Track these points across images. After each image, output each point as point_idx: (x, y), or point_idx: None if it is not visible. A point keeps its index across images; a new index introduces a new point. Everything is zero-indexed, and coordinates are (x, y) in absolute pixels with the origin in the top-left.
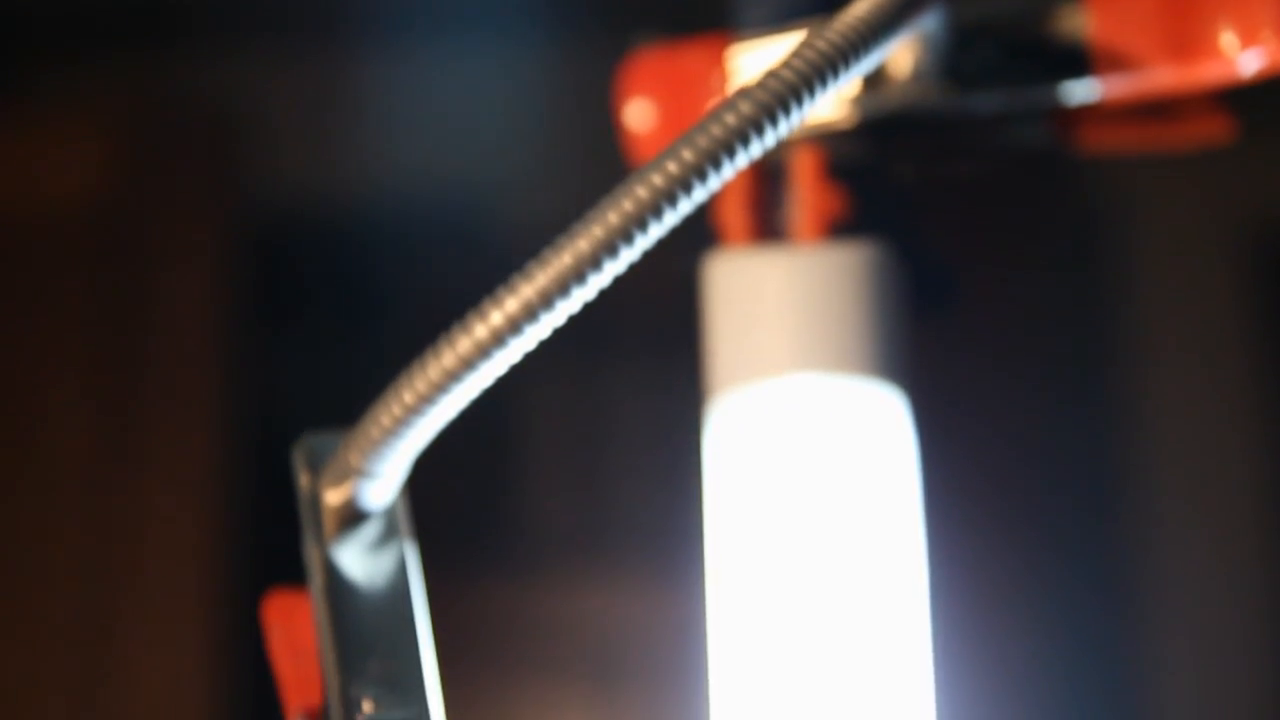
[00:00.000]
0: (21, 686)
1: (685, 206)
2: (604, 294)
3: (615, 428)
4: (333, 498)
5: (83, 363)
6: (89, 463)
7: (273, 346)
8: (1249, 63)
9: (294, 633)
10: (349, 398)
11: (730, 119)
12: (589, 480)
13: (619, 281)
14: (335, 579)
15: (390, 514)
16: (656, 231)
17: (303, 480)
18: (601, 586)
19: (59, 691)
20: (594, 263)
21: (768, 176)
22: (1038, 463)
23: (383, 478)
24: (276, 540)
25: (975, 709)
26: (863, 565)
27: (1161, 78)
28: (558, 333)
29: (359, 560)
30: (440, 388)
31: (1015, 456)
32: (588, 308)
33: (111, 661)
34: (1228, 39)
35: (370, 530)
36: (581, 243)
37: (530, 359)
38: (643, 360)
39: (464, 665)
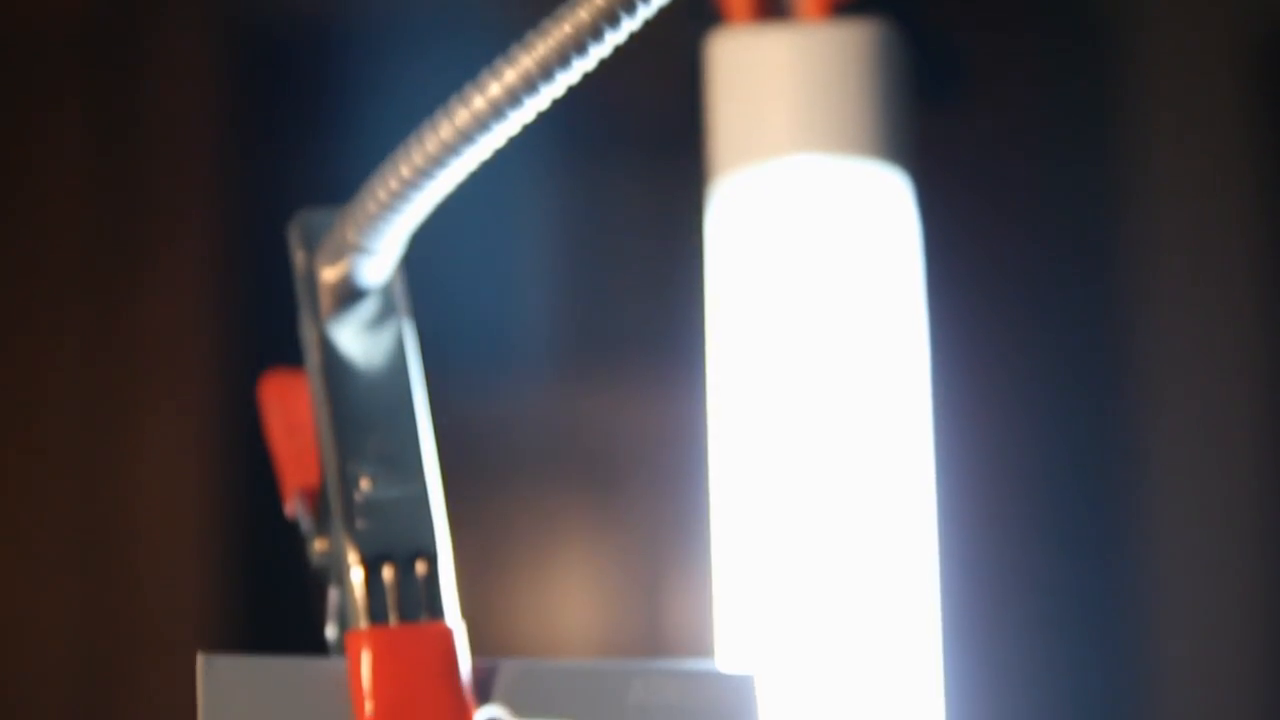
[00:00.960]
0: (21, 462)
1: None
2: (602, 77)
3: (615, 221)
4: (329, 275)
5: (78, 161)
6: (87, 257)
7: (269, 141)
8: None
9: (291, 413)
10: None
11: None
12: (587, 278)
13: (619, 64)
14: (332, 356)
15: (387, 292)
16: None
17: (298, 258)
18: (600, 390)
19: (62, 477)
20: (594, 32)
21: None
22: (1043, 245)
23: (379, 254)
24: (274, 328)
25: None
26: (863, 353)
27: None
28: (555, 120)
29: (356, 338)
30: (437, 161)
31: (1019, 240)
32: (585, 97)
33: (110, 445)
34: None
35: (367, 308)
36: (582, 11)
37: (526, 149)
38: (643, 148)
39: (459, 473)
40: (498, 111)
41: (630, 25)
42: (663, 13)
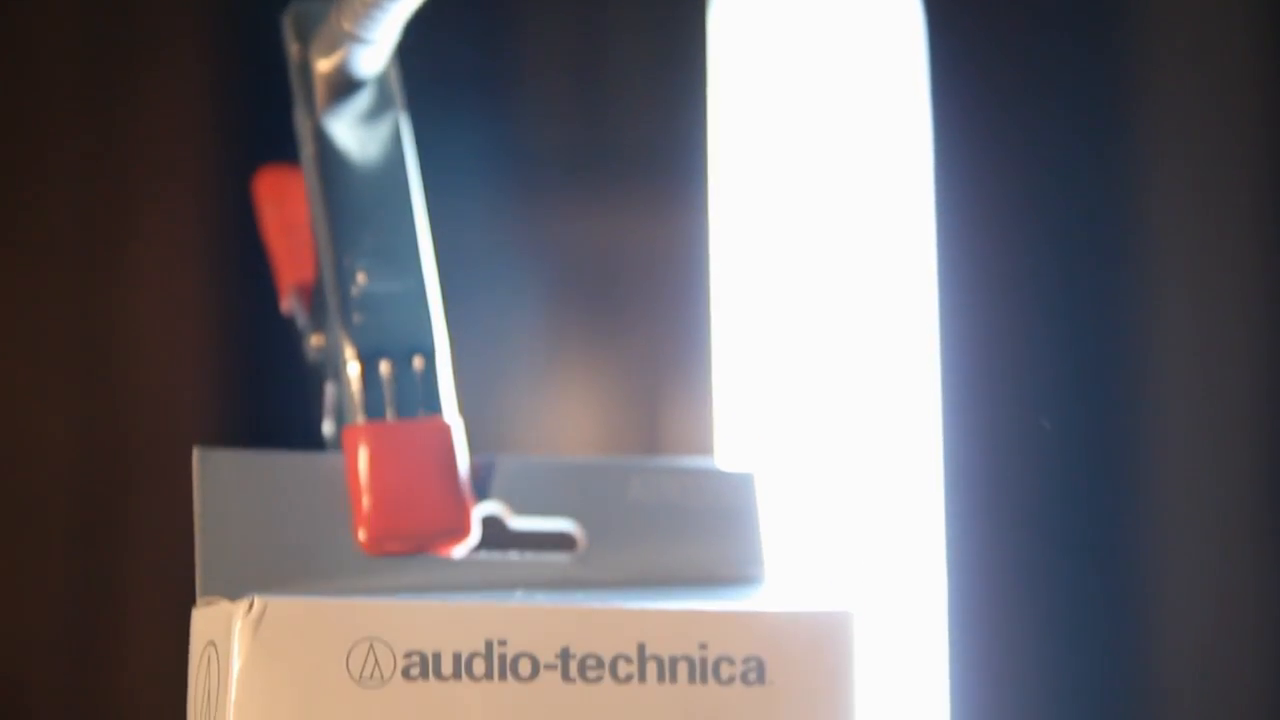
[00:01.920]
0: (19, 261)
1: None
2: None
3: (615, 37)
4: (323, 66)
5: None
6: (84, 55)
7: None
8: None
9: (286, 208)
10: None
11: None
12: (588, 92)
13: None
14: (327, 149)
15: (383, 83)
16: None
17: (292, 49)
18: (602, 206)
19: (59, 275)
20: None
21: None
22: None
23: (374, 43)
24: (269, 124)
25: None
26: (866, 165)
27: None
28: None
29: (352, 131)
30: None
31: (1027, 47)
32: None
33: (107, 243)
34: None
35: (363, 100)
36: None
37: None
38: None
39: (459, 290)
40: None
41: None
42: None
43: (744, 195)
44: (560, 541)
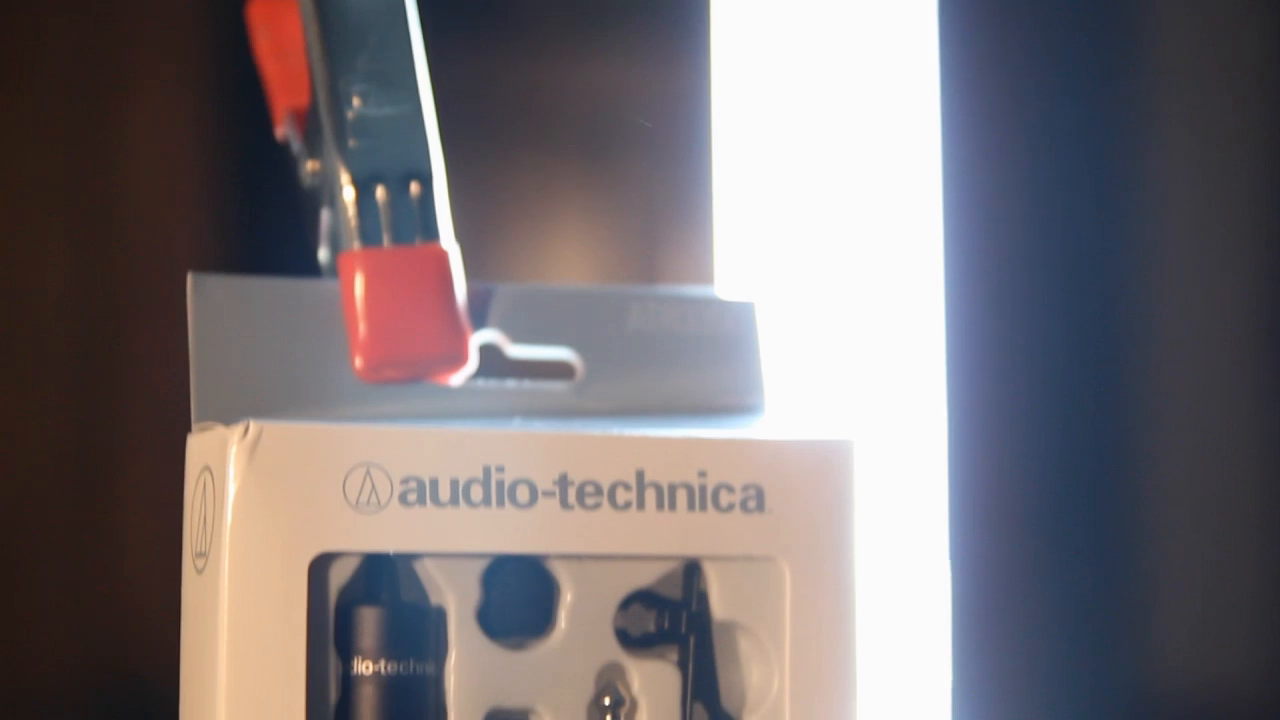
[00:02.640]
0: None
1: None
2: None
3: None
4: None
5: None
6: None
7: None
8: None
9: (280, 32)
10: None
11: None
12: None
13: None
14: None
15: None
16: None
17: None
18: (601, 55)
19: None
20: None
21: None
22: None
23: None
24: None
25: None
26: (870, 20)
27: None
28: None
29: None
30: None
31: None
32: None
33: (101, 71)
34: None
35: None
36: None
37: None
38: None
39: (456, 141)
40: None
41: None
42: None
43: (746, 29)
44: (559, 370)
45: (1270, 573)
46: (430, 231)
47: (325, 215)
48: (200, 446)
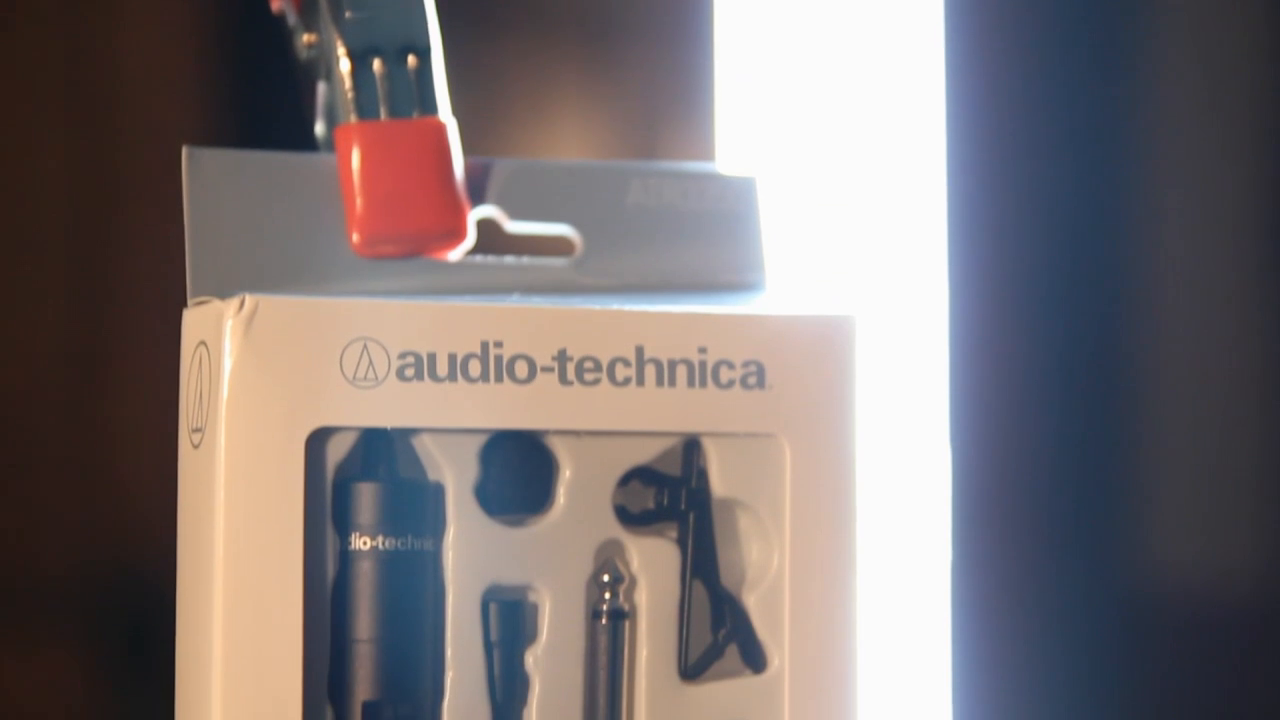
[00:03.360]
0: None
1: None
2: None
3: None
4: None
5: None
6: None
7: None
8: None
9: None
10: None
11: None
12: None
13: None
14: None
15: None
16: None
17: None
18: None
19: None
20: None
21: None
22: None
23: None
24: None
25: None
26: None
27: None
28: None
29: None
30: None
31: None
32: None
33: None
34: None
35: None
36: None
37: None
38: None
39: (454, 16)
40: None
41: None
42: None
43: None
44: (558, 246)
45: (1265, 469)
46: (428, 104)
47: (321, 89)
48: (196, 321)
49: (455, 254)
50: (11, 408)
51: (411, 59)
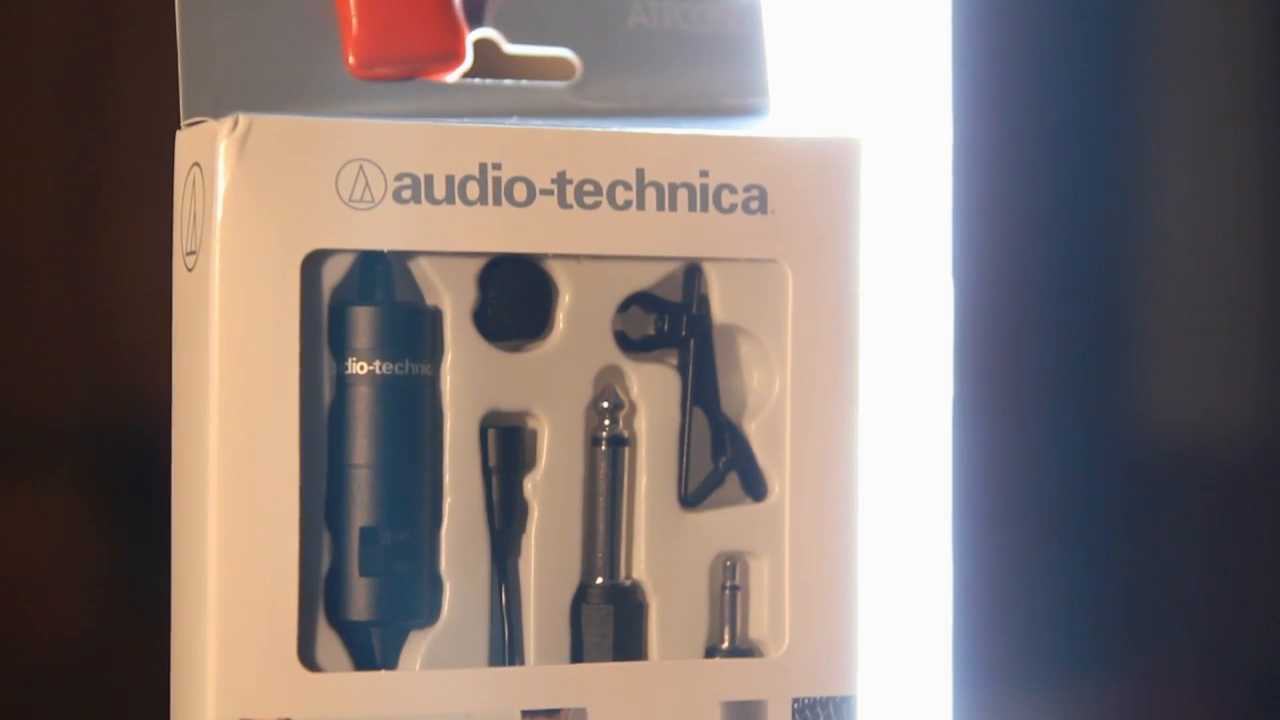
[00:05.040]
0: None
1: None
2: None
3: None
4: None
5: None
6: None
7: None
8: None
9: None
10: None
11: None
12: None
13: None
14: None
15: None
16: None
17: None
18: None
19: None
20: None
21: None
22: None
23: None
24: None
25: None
26: None
27: None
28: None
29: None
30: None
31: None
32: None
33: None
34: None
35: None
36: None
37: None
38: None
39: None
40: None
41: None
42: None
43: None
44: (557, 68)
45: (1259, 312)
46: None
47: None
48: (190, 142)
49: (452, 77)
50: (5, 230)
51: None
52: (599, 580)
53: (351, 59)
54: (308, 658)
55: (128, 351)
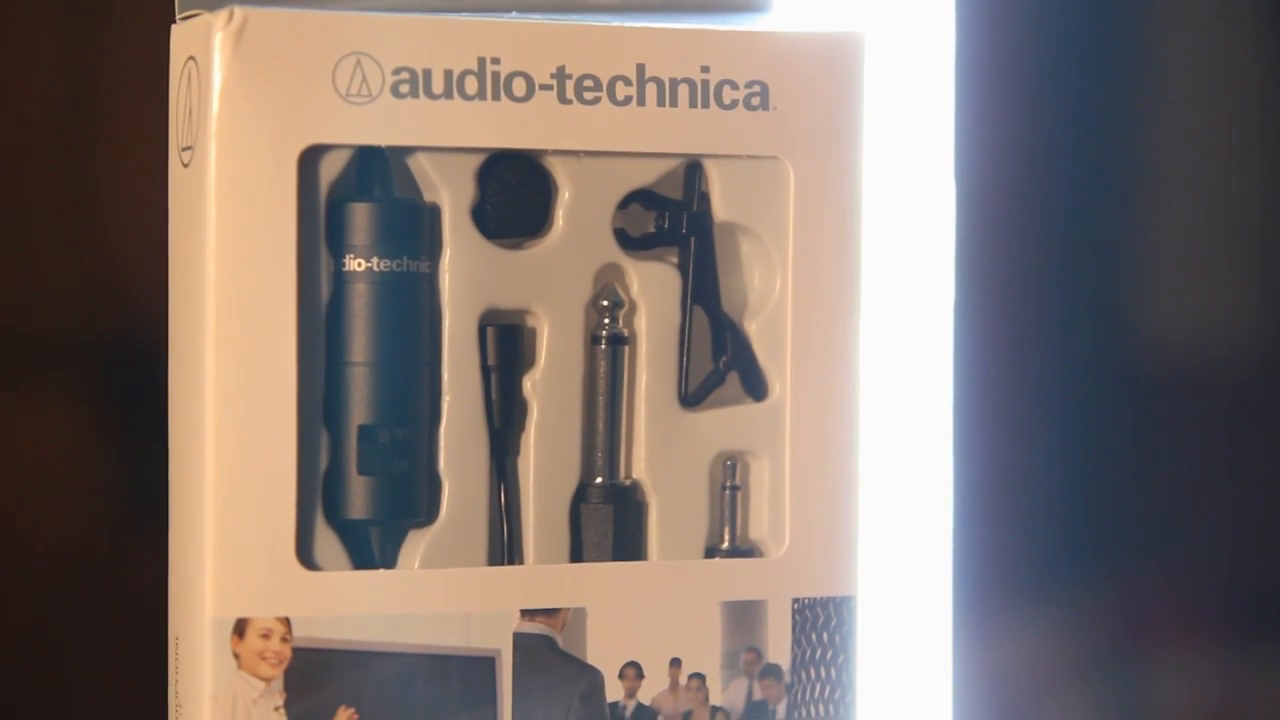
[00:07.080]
0: None
1: None
2: None
3: None
4: None
5: None
6: None
7: None
8: None
9: None
10: None
11: None
12: None
13: None
14: None
15: None
16: None
17: None
18: None
19: None
20: None
21: None
22: None
23: None
24: None
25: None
26: None
27: None
28: None
29: None
30: None
31: None
32: None
33: None
34: None
35: None
36: None
37: None
38: None
39: None
40: None
41: None
42: None
43: None
44: None
45: (1260, 227)
46: None
47: None
48: (185, 36)
49: None
50: (7, 164)
51: None
52: (598, 480)
53: None
54: (306, 557)
55: (123, 251)
